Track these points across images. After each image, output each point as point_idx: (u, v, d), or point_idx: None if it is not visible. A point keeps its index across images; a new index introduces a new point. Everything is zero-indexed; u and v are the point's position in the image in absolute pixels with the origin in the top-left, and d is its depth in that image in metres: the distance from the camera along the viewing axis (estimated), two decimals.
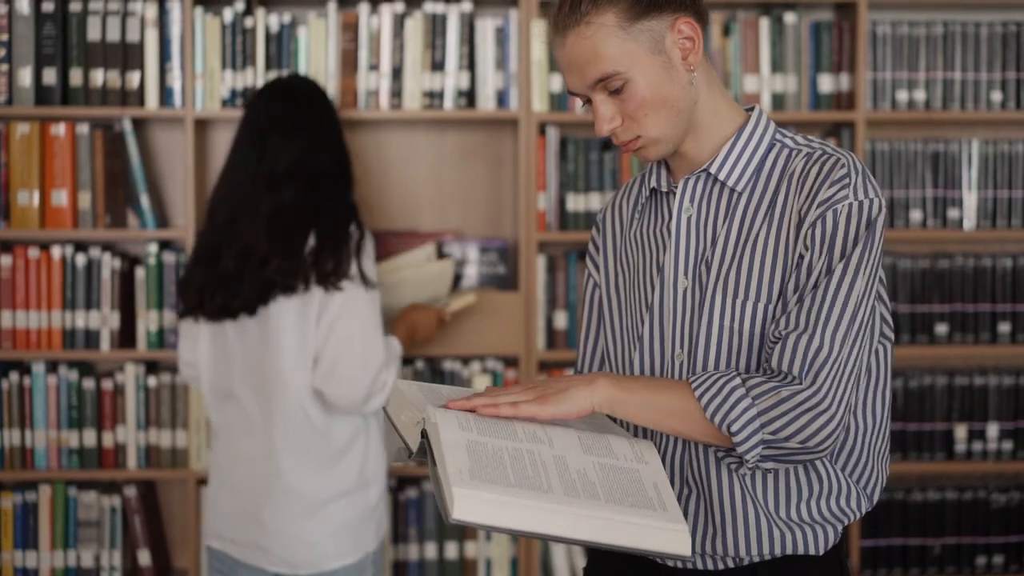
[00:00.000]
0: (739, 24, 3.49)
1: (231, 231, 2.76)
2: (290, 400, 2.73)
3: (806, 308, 1.67)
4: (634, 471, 1.65)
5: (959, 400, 3.54)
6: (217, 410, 2.84)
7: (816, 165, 1.73)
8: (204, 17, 3.40)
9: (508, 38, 3.44)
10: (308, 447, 2.75)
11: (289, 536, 2.75)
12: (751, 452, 1.65)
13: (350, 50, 3.44)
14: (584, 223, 3.49)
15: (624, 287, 1.89)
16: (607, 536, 1.56)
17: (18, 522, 3.45)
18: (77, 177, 3.40)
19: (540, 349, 3.48)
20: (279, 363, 2.72)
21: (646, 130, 1.74)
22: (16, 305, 3.40)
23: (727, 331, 1.74)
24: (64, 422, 3.43)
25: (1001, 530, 3.56)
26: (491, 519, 1.51)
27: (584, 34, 1.71)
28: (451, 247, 3.55)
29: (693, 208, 1.80)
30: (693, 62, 1.74)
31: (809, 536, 1.77)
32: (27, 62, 3.38)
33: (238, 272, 2.73)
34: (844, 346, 1.66)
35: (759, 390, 1.65)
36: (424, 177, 3.67)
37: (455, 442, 1.58)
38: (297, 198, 2.75)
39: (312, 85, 2.92)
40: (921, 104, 3.54)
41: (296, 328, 2.72)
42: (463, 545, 3.53)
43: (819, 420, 1.64)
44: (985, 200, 3.56)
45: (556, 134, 3.48)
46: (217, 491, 2.85)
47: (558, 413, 1.68)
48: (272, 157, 2.76)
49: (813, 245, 1.68)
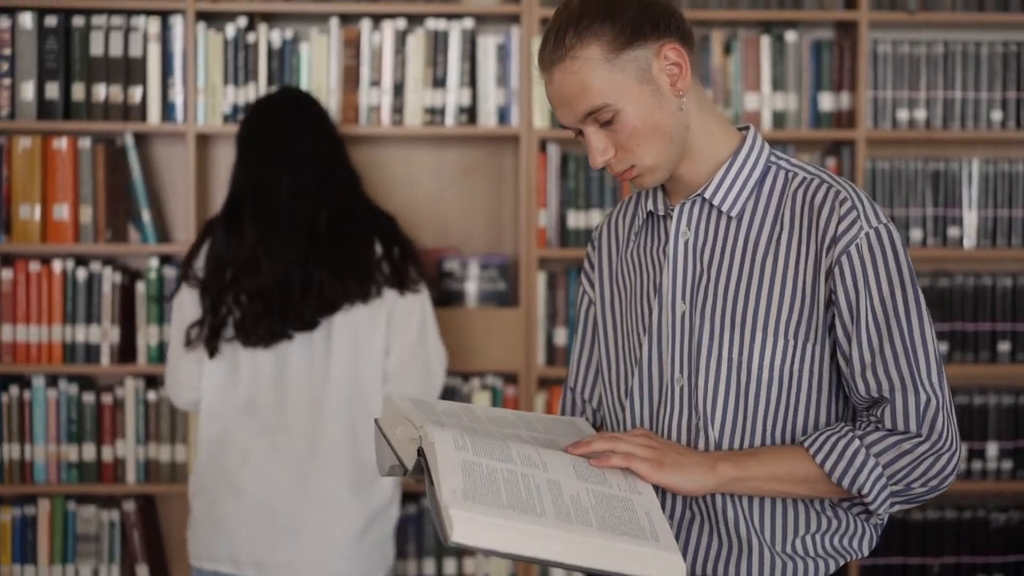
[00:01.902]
0: (740, 42, 3.50)
1: (267, 250, 2.72)
2: (337, 415, 2.74)
3: (893, 364, 1.68)
4: (627, 499, 1.64)
5: (958, 419, 3.54)
6: (235, 430, 2.77)
7: (819, 197, 1.73)
8: (206, 33, 3.41)
9: (509, 55, 3.45)
10: (349, 464, 2.76)
11: (332, 555, 2.75)
12: (881, 506, 1.71)
13: (352, 66, 3.45)
14: (585, 240, 3.49)
15: (621, 307, 1.89)
16: (602, 562, 1.55)
17: (17, 536, 3.45)
18: (79, 191, 3.41)
19: (540, 365, 3.48)
20: (332, 374, 2.74)
21: (640, 159, 1.74)
22: (17, 319, 3.41)
23: (735, 365, 1.74)
24: (64, 436, 3.43)
25: (1000, 550, 3.56)
26: (489, 543, 1.51)
27: (570, 69, 1.70)
28: (451, 263, 3.55)
29: (691, 232, 1.80)
30: (682, 87, 1.73)
31: (810, 568, 1.77)
32: (30, 76, 3.39)
33: (294, 291, 2.70)
34: (943, 386, 1.69)
35: (879, 447, 1.68)
36: (425, 193, 3.67)
37: (451, 463, 1.57)
38: (343, 206, 2.78)
39: (311, 96, 2.96)
40: (922, 123, 3.54)
41: (363, 336, 2.75)
42: (462, 562, 3.52)
43: (941, 461, 1.68)
44: (985, 219, 3.56)
45: (557, 151, 3.49)
46: (231, 513, 2.76)
47: (670, 484, 1.69)
48: (301, 170, 2.77)
49: (845, 286, 1.69)
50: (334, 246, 2.74)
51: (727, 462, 1.71)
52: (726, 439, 1.75)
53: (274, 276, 2.72)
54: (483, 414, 1.81)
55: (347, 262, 2.74)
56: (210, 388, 2.78)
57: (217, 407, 2.78)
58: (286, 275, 2.72)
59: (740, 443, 1.75)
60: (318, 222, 2.74)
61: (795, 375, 1.73)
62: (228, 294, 2.73)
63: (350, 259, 2.75)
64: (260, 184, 2.77)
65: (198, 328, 2.76)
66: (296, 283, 2.71)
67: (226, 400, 2.77)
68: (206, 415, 2.79)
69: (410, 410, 1.73)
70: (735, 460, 1.71)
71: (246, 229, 2.74)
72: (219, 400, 2.78)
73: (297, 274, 2.72)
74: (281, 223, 2.74)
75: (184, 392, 2.83)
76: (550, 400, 3.48)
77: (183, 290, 2.81)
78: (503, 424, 1.79)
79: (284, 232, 2.73)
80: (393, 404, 1.76)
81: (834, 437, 1.69)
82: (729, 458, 1.71)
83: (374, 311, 2.77)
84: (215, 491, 2.78)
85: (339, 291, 2.72)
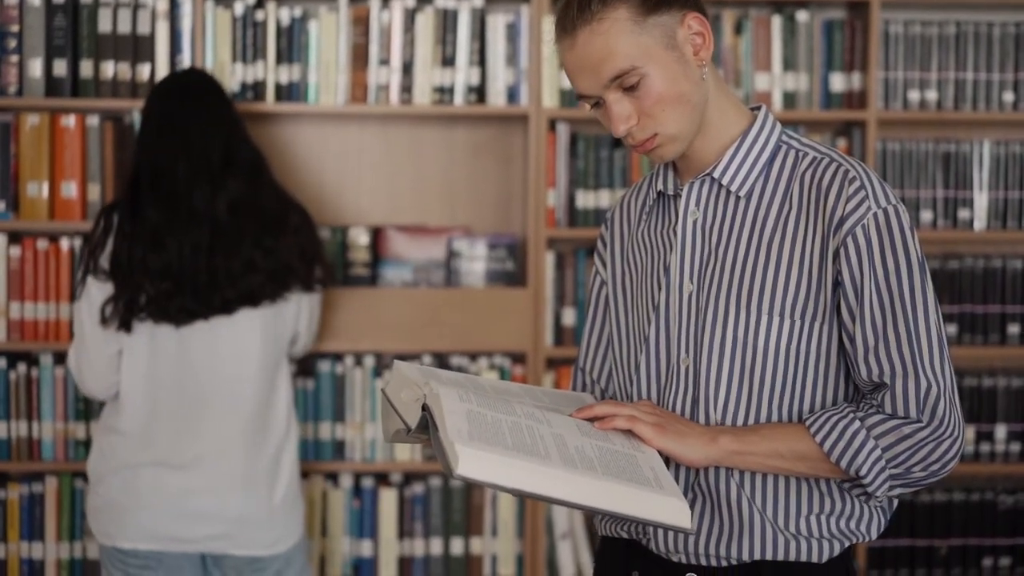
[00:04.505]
0: (751, 22, 3.48)
1: (169, 230, 2.75)
2: (236, 407, 2.82)
3: (895, 348, 1.67)
4: (631, 456, 1.66)
5: (967, 401, 3.53)
6: (150, 410, 2.80)
7: (827, 177, 1.72)
8: (215, 10, 3.40)
9: (519, 34, 3.44)
10: (256, 433, 2.85)
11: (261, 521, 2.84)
12: (879, 489, 1.69)
13: (361, 44, 3.44)
14: (594, 220, 3.48)
15: (631, 287, 1.88)
16: (607, 502, 1.56)
17: (25, 513, 3.45)
18: (87, 169, 3.40)
19: (548, 346, 3.48)
20: (247, 355, 2.82)
21: (663, 127, 1.72)
22: (24, 297, 3.40)
23: (740, 344, 1.73)
24: (71, 414, 3.43)
25: (1008, 532, 3.55)
26: (494, 477, 1.52)
27: (597, 31, 1.68)
28: (460, 243, 3.54)
29: (699, 211, 1.79)
30: (704, 57, 1.73)
31: (814, 547, 1.76)
32: (38, 53, 3.38)
33: (201, 274, 2.75)
34: (945, 372, 1.68)
35: (879, 430, 1.67)
36: (433, 172, 3.66)
37: (456, 410, 1.59)
38: (245, 190, 2.82)
39: (209, 78, 3.01)
40: (933, 104, 3.52)
41: (267, 329, 2.86)
42: (468, 541, 3.52)
43: (942, 447, 1.67)
44: (996, 201, 3.55)
45: (566, 130, 3.47)
46: (148, 491, 2.79)
47: (670, 449, 1.70)
48: (194, 154, 2.79)
49: (850, 266, 1.69)
50: (244, 239, 2.79)
51: (728, 435, 1.71)
52: (729, 419, 1.75)
53: (180, 256, 2.75)
54: (488, 384, 1.83)
55: (262, 258, 2.81)
56: (140, 371, 2.81)
57: (139, 390, 2.81)
58: (193, 258, 2.76)
59: (744, 423, 1.75)
60: (217, 208, 2.78)
61: (801, 355, 1.73)
62: (136, 272, 2.75)
63: (265, 255, 2.81)
64: (157, 167, 2.80)
65: (112, 305, 2.77)
66: (203, 266, 2.76)
67: (135, 384, 2.81)
68: (122, 398, 2.83)
69: (416, 374, 1.74)
70: (737, 434, 1.71)
71: (147, 211, 2.77)
72: (144, 383, 2.81)
73: (203, 259, 2.76)
74: (179, 207, 2.77)
75: (101, 383, 2.84)
76: (558, 380, 3.47)
77: (90, 283, 2.80)
78: (508, 394, 1.80)
79: (184, 215, 2.76)
80: (399, 370, 1.77)
81: (835, 417, 1.69)
82: (731, 432, 1.72)
83: (282, 307, 2.90)
84: (125, 473, 2.81)
85: (255, 285, 2.80)
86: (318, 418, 3.46)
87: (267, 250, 2.82)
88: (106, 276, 2.78)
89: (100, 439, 2.86)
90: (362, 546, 3.51)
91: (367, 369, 3.47)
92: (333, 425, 3.47)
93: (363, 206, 3.65)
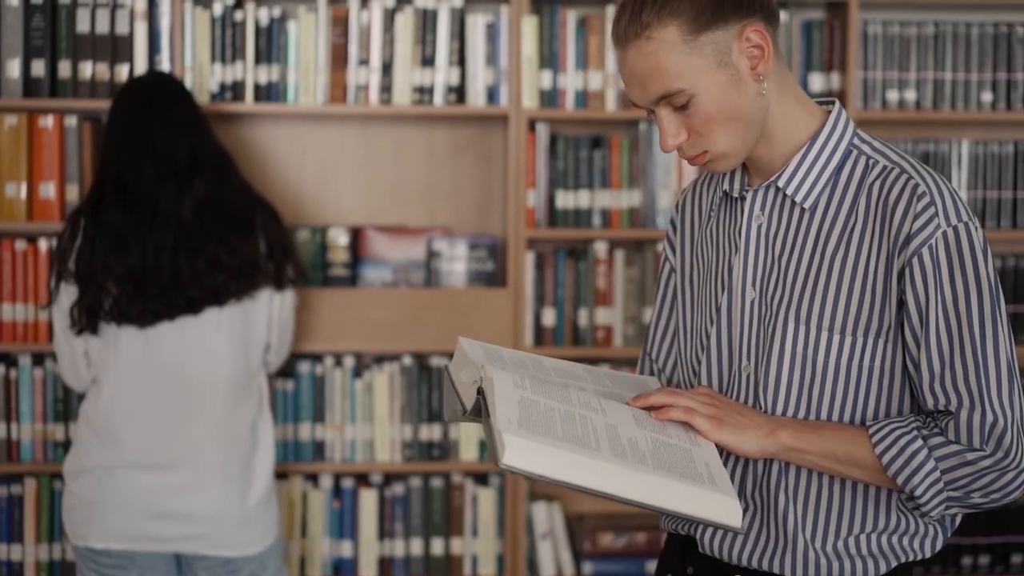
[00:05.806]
0: None
1: (133, 233, 2.75)
2: (212, 404, 2.81)
3: (962, 379, 1.61)
4: (686, 450, 1.61)
5: None
6: (123, 411, 2.80)
7: (896, 191, 1.65)
8: (194, 10, 3.39)
9: (499, 34, 3.43)
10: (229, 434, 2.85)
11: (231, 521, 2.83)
12: (934, 510, 1.65)
13: (340, 44, 3.43)
14: (573, 220, 3.48)
15: (699, 282, 1.84)
16: (655, 497, 1.53)
17: (3, 515, 3.44)
18: (65, 169, 3.39)
19: (529, 346, 3.48)
20: (216, 355, 2.81)
21: (713, 145, 1.66)
22: (3, 298, 3.39)
23: (800, 359, 1.69)
24: (50, 415, 3.42)
25: (986, 531, 3.56)
26: (540, 468, 1.49)
27: (645, 50, 1.61)
28: (440, 243, 3.54)
29: (764, 217, 1.74)
30: (763, 71, 1.64)
31: (858, 567, 1.72)
32: (15, 54, 3.36)
33: (164, 276, 2.75)
34: (1015, 404, 1.61)
35: (942, 452, 1.62)
36: (413, 173, 3.66)
37: (508, 396, 1.56)
38: (210, 191, 2.81)
39: (172, 79, 3.02)
40: (912, 104, 3.53)
41: (237, 329, 2.85)
42: (449, 541, 3.52)
43: (1006, 477, 1.62)
44: (975, 200, 3.56)
45: (546, 131, 3.47)
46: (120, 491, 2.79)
47: (727, 442, 1.66)
48: (158, 158, 2.79)
49: (915, 290, 1.63)
50: (209, 238, 2.78)
51: (788, 430, 1.66)
52: None
53: (143, 259, 2.75)
54: (551, 365, 1.80)
55: (227, 257, 2.79)
56: (99, 373, 2.83)
57: (103, 392, 2.82)
58: (156, 260, 2.75)
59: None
60: (183, 210, 2.77)
61: (864, 371, 1.68)
62: (98, 275, 2.76)
63: (230, 254, 2.80)
64: (122, 171, 2.80)
65: (77, 307, 2.78)
66: (167, 268, 2.75)
67: (108, 384, 2.81)
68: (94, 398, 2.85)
69: (477, 354, 1.71)
70: (796, 430, 1.67)
71: (111, 214, 2.77)
72: (106, 384, 2.82)
73: (167, 260, 2.75)
74: (144, 209, 2.76)
75: (82, 383, 2.89)
76: None
77: (63, 289, 2.82)
78: (569, 376, 1.77)
79: (148, 217, 2.76)
80: (462, 349, 1.74)
81: (899, 431, 1.63)
82: (791, 426, 1.67)
83: (251, 306, 2.87)
84: (98, 472, 2.81)
85: (219, 283, 2.78)
86: (298, 419, 3.46)
87: (232, 249, 2.80)
88: (73, 279, 2.79)
89: (77, 438, 2.86)
90: (342, 547, 3.51)
91: (347, 370, 3.47)
92: (313, 426, 3.46)
93: (343, 206, 3.65)
